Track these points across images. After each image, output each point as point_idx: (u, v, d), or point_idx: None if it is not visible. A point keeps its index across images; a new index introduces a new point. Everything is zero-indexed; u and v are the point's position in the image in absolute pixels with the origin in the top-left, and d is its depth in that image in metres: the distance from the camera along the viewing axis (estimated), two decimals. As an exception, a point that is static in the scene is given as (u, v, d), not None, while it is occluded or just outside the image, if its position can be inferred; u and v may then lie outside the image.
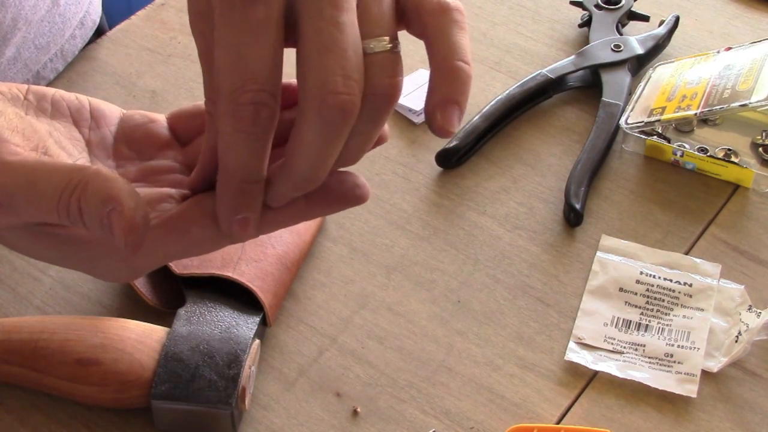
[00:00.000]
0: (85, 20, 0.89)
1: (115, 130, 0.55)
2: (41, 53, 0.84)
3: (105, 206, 0.45)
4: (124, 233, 0.45)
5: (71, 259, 0.51)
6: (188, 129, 0.55)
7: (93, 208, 0.45)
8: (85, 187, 0.46)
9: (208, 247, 0.50)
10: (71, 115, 0.54)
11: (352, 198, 0.50)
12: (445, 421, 0.63)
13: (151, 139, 0.54)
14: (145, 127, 0.55)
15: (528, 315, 0.69)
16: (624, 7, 0.87)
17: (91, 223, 0.46)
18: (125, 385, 0.60)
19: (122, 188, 0.45)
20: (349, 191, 0.50)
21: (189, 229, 0.48)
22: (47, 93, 0.54)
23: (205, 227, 0.48)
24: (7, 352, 0.62)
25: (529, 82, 0.82)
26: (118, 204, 0.45)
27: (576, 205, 0.73)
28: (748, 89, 0.75)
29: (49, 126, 0.52)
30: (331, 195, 0.49)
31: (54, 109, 0.53)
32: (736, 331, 0.66)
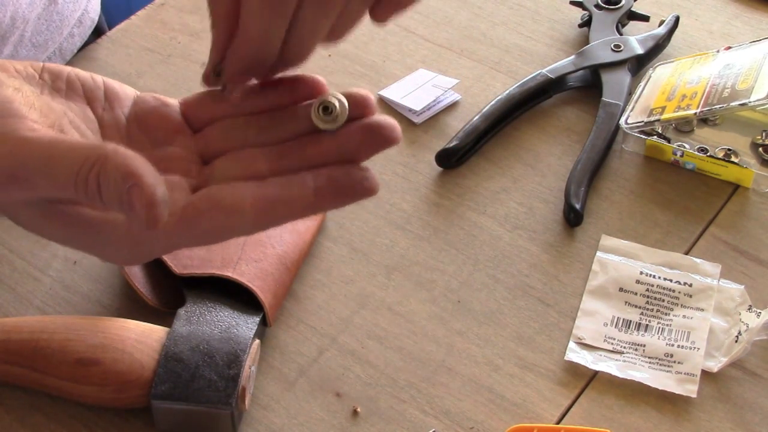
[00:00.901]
0: (83, 19, 0.89)
1: (128, 111, 0.55)
2: (39, 51, 0.84)
3: (125, 182, 0.45)
4: (146, 208, 0.45)
5: (78, 239, 0.52)
6: (201, 115, 0.55)
7: (113, 184, 0.46)
8: (104, 163, 0.46)
9: (214, 238, 0.50)
10: (85, 95, 0.54)
11: (360, 190, 0.50)
12: (445, 421, 0.63)
13: (163, 124, 0.55)
14: (158, 111, 0.55)
15: (528, 315, 0.69)
16: (624, 7, 0.87)
17: (109, 199, 0.46)
18: (125, 385, 0.60)
19: (142, 165, 0.46)
20: (357, 183, 0.50)
21: (198, 221, 0.49)
22: (62, 72, 0.54)
23: (214, 219, 0.49)
24: (7, 352, 0.62)
25: (529, 82, 0.82)
26: (138, 179, 0.45)
27: (576, 205, 0.73)
28: (747, 88, 0.75)
29: (63, 105, 0.53)
30: (339, 187, 0.50)
31: (68, 89, 0.54)
32: (736, 331, 0.66)
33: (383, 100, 0.82)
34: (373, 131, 0.51)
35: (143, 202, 0.45)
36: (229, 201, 0.48)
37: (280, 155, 0.52)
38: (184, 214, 0.49)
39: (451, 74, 0.84)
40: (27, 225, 0.52)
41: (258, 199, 0.49)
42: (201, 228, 0.49)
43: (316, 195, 0.49)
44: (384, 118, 0.51)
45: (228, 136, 0.54)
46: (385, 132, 0.51)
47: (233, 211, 0.48)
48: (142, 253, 0.51)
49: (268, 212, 0.49)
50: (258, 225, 0.49)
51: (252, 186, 0.49)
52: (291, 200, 0.49)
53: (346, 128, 0.51)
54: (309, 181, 0.49)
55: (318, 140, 0.52)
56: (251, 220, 0.49)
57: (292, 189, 0.49)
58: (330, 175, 0.50)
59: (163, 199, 0.46)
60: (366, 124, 0.51)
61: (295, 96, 0.54)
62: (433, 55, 0.86)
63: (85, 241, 0.52)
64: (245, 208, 0.48)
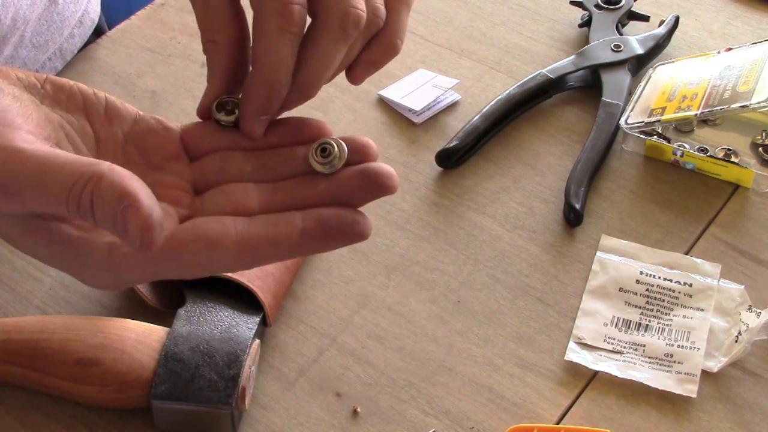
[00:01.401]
0: (83, 19, 0.89)
1: (127, 130, 0.54)
2: (40, 52, 0.84)
3: (120, 202, 0.44)
4: (141, 231, 0.44)
5: (58, 257, 0.51)
6: (200, 144, 0.54)
7: (107, 203, 0.45)
8: (99, 182, 0.45)
9: (195, 271, 0.49)
10: (85, 109, 0.53)
11: (350, 234, 0.49)
12: (445, 421, 0.63)
13: (161, 148, 0.54)
14: (157, 133, 0.54)
15: (528, 315, 0.69)
16: (624, 7, 0.87)
17: (102, 218, 0.45)
18: (125, 385, 0.60)
19: (138, 185, 0.45)
20: (347, 227, 0.49)
21: (180, 252, 0.48)
22: (65, 85, 0.54)
23: (196, 253, 0.48)
24: (7, 352, 0.62)
25: (529, 82, 0.82)
26: (134, 200, 0.44)
27: (576, 205, 0.73)
28: (748, 90, 0.75)
29: (62, 118, 0.52)
30: (327, 229, 0.49)
31: (69, 101, 0.53)
32: (736, 331, 0.66)
33: (383, 100, 0.82)
34: (369, 177, 0.50)
35: (138, 223, 0.44)
36: (213, 235, 0.48)
37: (273, 193, 0.51)
38: (166, 244, 0.48)
39: (451, 74, 0.84)
40: (6, 237, 0.51)
41: (242, 236, 0.48)
42: (183, 260, 0.48)
43: (302, 235, 0.48)
44: (381, 165, 0.50)
45: (224, 169, 0.53)
46: (381, 179, 0.50)
47: (216, 245, 0.47)
48: (120, 279, 0.50)
49: (251, 250, 0.48)
50: (241, 262, 0.48)
51: (239, 222, 0.48)
52: (276, 239, 0.48)
53: (342, 172, 0.51)
54: (297, 221, 0.48)
55: (313, 182, 0.51)
56: (234, 257, 0.48)
57: (278, 228, 0.48)
58: (319, 216, 0.49)
59: (159, 222, 0.45)
60: (362, 169, 0.50)
61: (297, 137, 0.53)
62: (433, 55, 0.86)
63: (64, 260, 0.51)
64: (229, 243, 0.47)
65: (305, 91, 0.53)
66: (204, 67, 0.55)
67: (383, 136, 0.80)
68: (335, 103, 0.82)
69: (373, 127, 0.81)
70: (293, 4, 0.50)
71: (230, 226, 0.48)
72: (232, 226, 0.48)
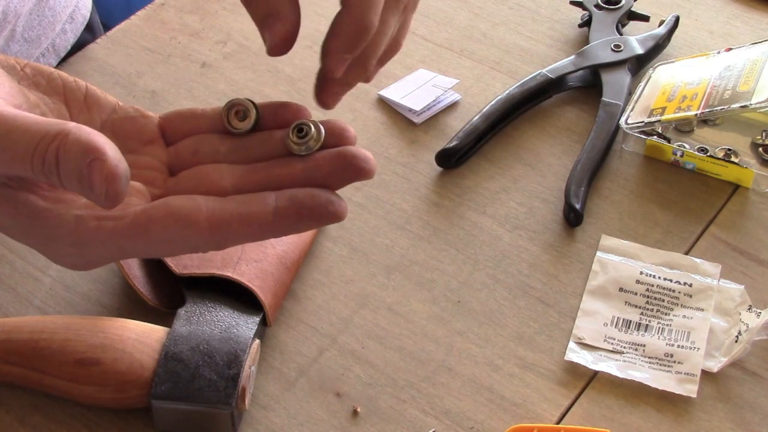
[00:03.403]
0: (74, 15, 0.89)
1: (105, 118, 0.54)
2: (32, 47, 0.84)
3: (86, 156, 0.44)
4: (106, 183, 0.44)
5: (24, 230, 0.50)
6: (178, 130, 0.54)
7: (73, 158, 0.44)
8: (65, 138, 0.45)
9: (166, 249, 0.49)
10: (64, 94, 0.53)
11: (323, 214, 0.48)
12: (445, 421, 0.63)
13: (137, 133, 0.54)
14: (135, 120, 0.54)
15: (528, 315, 0.69)
16: (624, 7, 0.87)
17: (68, 175, 0.45)
18: (125, 385, 0.60)
19: (104, 141, 0.45)
20: (321, 206, 0.48)
21: (150, 228, 0.47)
22: (45, 70, 0.53)
23: (166, 229, 0.47)
24: (7, 352, 0.62)
25: (529, 82, 0.82)
26: (99, 154, 0.44)
27: (576, 205, 0.73)
28: (748, 90, 0.75)
29: (38, 99, 0.52)
30: (300, 209, 0.48)
31: (48, 85, 0.53)
32: (736, 331, 0.66)
33: (383, 100, 0.82)
34: (345, 159, 0.49)
35: (103, 175, 0.44)
36: (185, 211, 0.47)
37: (248, 174, 0.51)
38: (136, 220, 0.47)
39: (451, 74, 0.84)
40: None
41: (214, 213, 0.47)
42: (153, 236, 0.47)
43: (275, 214, 0.48)
44: (358, 149, 0.50)
45: (199, 151, 0.53)
46: (357, 162, 0.49)
47: (188, 222, 0.47)
48: (86, 255, 0.49)
49: (223, 227, 0.47)
50: (213, 240, 0.48)
51: (211, 200, 0.48)
52: (248, 217, 0.47)
53: (318, 154, 0.50)
54: (270, 200, 0.48)
55: (288, 163, 0.50)
56: (206, 234, 0.47)
57: (251, 206, 0.48)
58: (293, 195, 0.48)
59: (125, 174, 0.44)
60: (339, 151, 0.50)
61: (276, 120, 0.53)
62: (433, 55, 0.86)
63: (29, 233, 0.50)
64: (200, 220, 0.47)
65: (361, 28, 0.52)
66: (204, 66, 0.54)
67: (383, 136, 0.80)
68: (335, 103, 0.82)
69: (373, 127, 0.81)
70: None
71: (202, 203, 0.47)
72: (204, 204, 0.47)
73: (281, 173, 0.50)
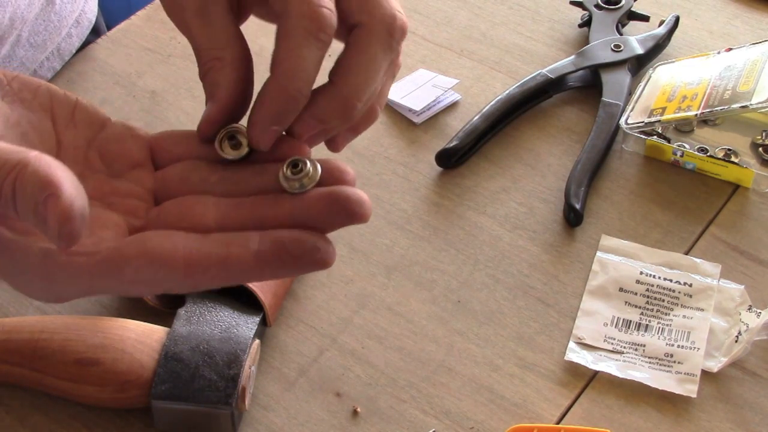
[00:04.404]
0: (81, 19, 0.89)
1: (93, 135, 0.51)
2: (37, 52, 0.84)
3: (43, 191, 0.41)
4: (59, 221, 0.41)
5: None
6: (168, 153, 0.51)
7: (29, 192, 0.41)
8: (23, 169, 0.42)
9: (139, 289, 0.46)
10: (52, 110, 0.51)
11: (308, 261, 0.45)
12: (445, 421, 0.63)
13: (125, 156, 0.51)
14: (123, 141, 0.51)
15: (528, 315, 0.69)
16: (624, 7, 0.87)
17: (24, 210, 0.42)
18: (125, 385, 0.60)
19: (64, 174, 0.42)
20: (306, 253, 0.45)
21: (122, 267, 0.44)
22: (33, 83, 0.51)
23: (141, 270, 0.44)
24: (7, 352, 0.62)
25: (529, 82, 0.82)
26: (56, 189, 0.41)
27: (576, 205, 0.73)
28: (748, 91, 0.75)
29: (21, 116, 0.49)
30: (283, 254, 0.44)
31: (34, 100, 0.50)
32: (736, 331, 0.66)
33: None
34: (338, 201, 0.45)
35: (57, 212, 0.41)
36: (160, 251, 0.44)
37: (234, 209, 0.47)
38: (108, 257, 0.44)
39: (451, 74, 0.84)
40: None
41: (192, 254, 0.44)
42: (125, 276, 0.44)
43: (256, 259, 0.44)
44: (353, 190, 0.46)
45: (187, 178, 0.50)
46: (350, 205, 0.45)
47: (163, 263, 0.44)
48: (55, 291, 0.46)
49: (199, 270, 0.44)
50: (188, 283, 0.45)
51: (190, 239, 0.45)
52: (227, 260, 0.44)
53: (310, 193, 0.46)
54: (252, 242, 0.44)
55: (278, 201, 0.47)
56: (180, 276, 0.44)
57: (231, 248, 0.44)
58: (277, 238, 0.44)
59: (81, 213, 0.41)
60: (332, 191, 0.46)
61: (273, 153, 0.49)
62: (433, 55, 0.86)
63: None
64: (176, 262, 0.44)
65: (348, 103, 0.49)
66: None
67: (383, 136, 0.80)
68: (335, 103, 0.82)
69: (373, 127, 0.80)
70: (323, 7, 0.47)
71: (179, 243, 0.44)
72: (182, 243, 0.44)
73: (269, 211, 0.47)
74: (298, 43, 0.47)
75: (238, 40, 0.50)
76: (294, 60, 0.47)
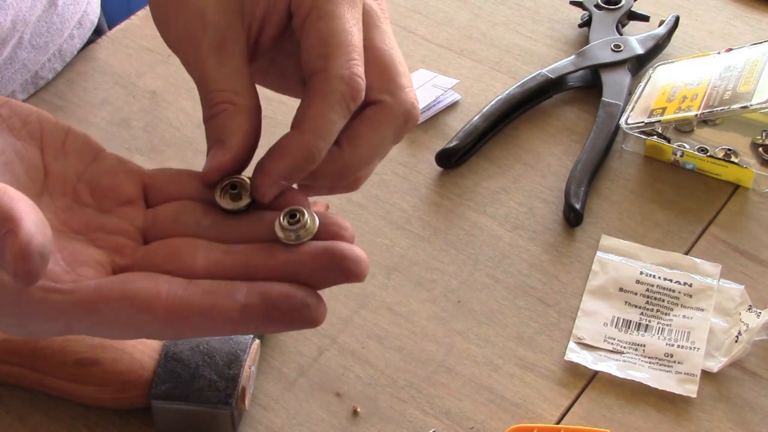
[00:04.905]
0: (83, 20, 0.89)
1: (84, 168, 0.49)
2: (39, 54, 0.84)
3: (2, 227, 0.39)
4: (15, 259, 0.39)
5: None
6: (162, 191, 0.49)
7: None
8: None
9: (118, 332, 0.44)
10: (41, 139, 0.48)
11: (296, 318, 0.43)
12: (445, 421, 0.63)
13: (116, 190, 0.49)
14: (115, 175, 0.49)
15: (528, 315, 0.69)
16: (624, 7, 0.87)
17: None
18: (125, 385, 0.60)
19: (26, 209, 0.40)
20: (294, 310, 0.43)
21: (101, 308, 0.42)
22: (23, 111, 0.49)
23: (119, 312, 0.42)
24: (7, 352, 0.62)
25: (529, 82, 0.82)
26: (15, 225, 0.39)
27: (576, 205, 0.73)
28: (748, 91, 0.75)
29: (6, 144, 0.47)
30: (271, 309, 0.43)
31: (23, 128, 0.48)
32: (736, 331, 0.66)
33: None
34: (333, 258, 0.44)
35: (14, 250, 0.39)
36: (141, 295, 0.42)
37: (225, 255, 0.45)
38: (87, 296, 0.42)
39: (451, 74, 0.84)
40: None
41: (174, 301, 0.42)
42: (102, 317, 0.42)
43: (242, 312, 0.42)
44: (351, 248, 0.44)
45: (179, 220, 0.48)
46: (345, 263, 0.44)
47: (143, 307, 0.42)
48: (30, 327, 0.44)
49: (182, 319, 0.42)
50: (169, 330, 0.43)
51: (175, 283, 0.43)
52: (211, 311, 0.42)
53: (305, 246, 0.45)
54: (239, 294, 0.43)
55: (271, 251, 0.45)
56: (161, 323, 0.42)
57: (216, 298, 0.43)
58: (265, 292, 0.43)
59: (41, 252, 0.39)
60: (328, 247, 0.44)
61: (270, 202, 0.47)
62: (433, 55, 0.86)
63: None
64: (157, 308, 0.42)
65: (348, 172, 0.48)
66: None
67: (383, 136, 0.80)
68: (335, 103, 0.82)
69: (373, 127, 0.81)
70: (360, 77, 0.47)
71: (163, 288, 0.43)
72: (166, 289, 0.43)
73: (260, 261, 0.45)
74: (332, 106, 0.47)
75: (252, 87, 0.49)
76: (323, 121, 0.46)
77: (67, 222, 0.47)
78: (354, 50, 0.48)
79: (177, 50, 0.51)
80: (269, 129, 0.49)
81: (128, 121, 0.81)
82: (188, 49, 0.50)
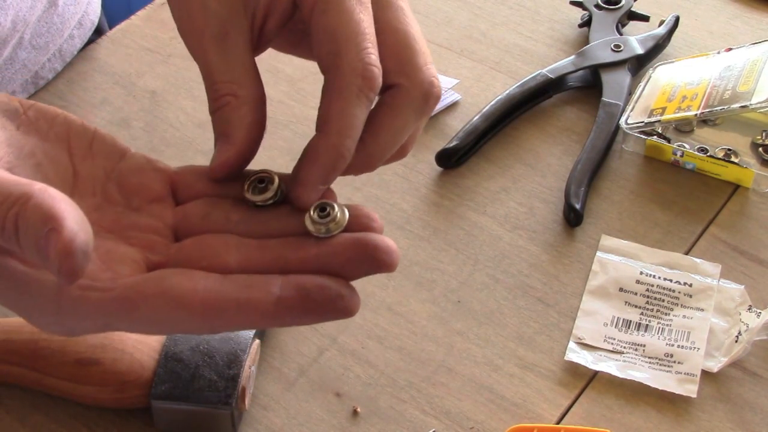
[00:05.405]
0: (83, 20, 0.89)
1: (112, 167, 0.49)
2: (39, 54, 0.84)
3: (45, 225, 0.40)
4: (59, 257, 0.39)
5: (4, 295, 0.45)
6: (190, 188, 0.49)
7: (31, 226, 0.40)
8: (26, 203, 0.40)
9: (154, 328, 0.44)
10: (68, 140, 0.49)
11: (331, 309, 0.43)
12: (445, 421, 0.63)
13: (145, 189, 0.49)
14: (144, 173, 0.49)
15: (528, 315, 0.69)
16: (624, 7, 0.87)
17: (26, 244, 0.41)
18: (125, 385, 0.60)
19: (68, 208, 0.40)
20: (328, 301, 0.43)
21: (139, 305, 0.43)
22: (50, 112, 0.49)
23: (156, 308, 0.43)
24: (7, 352, 0.62)
25: (529, 82, 0.82)
26: (58, 224, 0.39)
27: (576, 205, 0.73)
28: (748, 90, 0.75)
29: (35, 147, 0.48)
30: (306, 301, 0.43)
31: (51, 130, 0.49)
32: (736, 331, 0.66)
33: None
34: (365, 249, 0.44)
35: (58, 248, 0.39)
36: (178, 291, 0.43)
37: (257, 250, 0.46)
38: (124, 294, 0.43)
39: (451, 74, 0.84)
40: None
41: (210, 296, 0.43)
42: (140, 314, 0.43)
43: (277, 305, 0.43)
44: (382, 239, 0.45)
45: (209, 216, 0.48)
46: (378, 254, 0.44)
47: (180, 304, 0.43)
48: (67, 325, 0.45)
49: (218, 313, 0.43)
50: (206, 325, 0.43)
51: (210, 279, 0.43)
52: (248, 305, 0.43)
53: (336, 239, 0.45)
54: (274, 287, 0.43)
55: (303, 245, 0.45)
56: (198, 319, 0.43)
57: (252, 292, 0.43)
58: (300, 284, 0.43)
59: (83, 249, 0.40)
60: (359, 238, 0.45)
61: None
62: (432, 55, 0.86)
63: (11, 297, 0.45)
64: (194, 303, 0.43)
65: (373, 161, 0.49)
66: None
67: (383, 136, 0.80)
68: (335, 103, 0.82)
69: (373, 127, 0.81)
70: (374, 66, 0.47)
71: (199, 283, 0.43)
72: (202, 284, 0.43)
73: (293, 255, 0.45)
74: (351, 101, 0.46)
75: (255, 78, 0.49)
76: (347, 119, 0.46)
77: (98, 221, 0.47)
78: (365, 38, 0.47)
79: (184, 41, 0.51)
80: (269, 129, 0.49)
81: (128, 121, 0.81)
82: (192, 40, 0.50)
